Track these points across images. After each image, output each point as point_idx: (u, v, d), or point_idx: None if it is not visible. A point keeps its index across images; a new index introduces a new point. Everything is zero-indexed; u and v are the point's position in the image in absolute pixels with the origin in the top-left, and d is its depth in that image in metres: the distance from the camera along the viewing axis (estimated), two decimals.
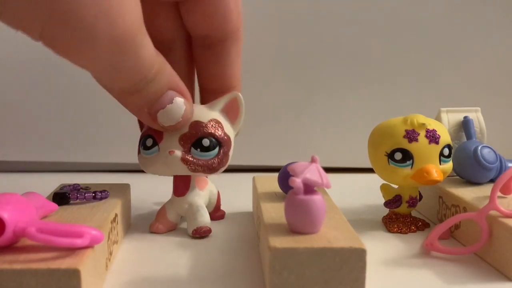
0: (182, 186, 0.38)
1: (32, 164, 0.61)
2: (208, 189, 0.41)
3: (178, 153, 0.35)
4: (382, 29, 0.60)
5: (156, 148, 0.36)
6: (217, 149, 0.36)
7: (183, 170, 0.36)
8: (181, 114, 0.34)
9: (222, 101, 0.37)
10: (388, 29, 0.60)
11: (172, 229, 0.39)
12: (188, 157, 0.35)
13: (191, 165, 0.35)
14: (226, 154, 0.37)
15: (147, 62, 0.31)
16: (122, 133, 0.59)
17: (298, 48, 0.60)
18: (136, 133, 0.39)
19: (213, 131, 0.36)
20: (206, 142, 0.36)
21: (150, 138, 0.36)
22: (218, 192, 0.42)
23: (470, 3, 0.60)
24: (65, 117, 0.60)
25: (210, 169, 0.36)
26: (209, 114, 0.37)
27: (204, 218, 0.38)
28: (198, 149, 0.36)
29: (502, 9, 0.60)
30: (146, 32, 0.31)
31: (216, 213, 0.42)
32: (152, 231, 0.39)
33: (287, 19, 0.59)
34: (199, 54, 0.39)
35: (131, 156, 0.40)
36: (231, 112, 0.38)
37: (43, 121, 0.60)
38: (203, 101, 0.40)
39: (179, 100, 0.34)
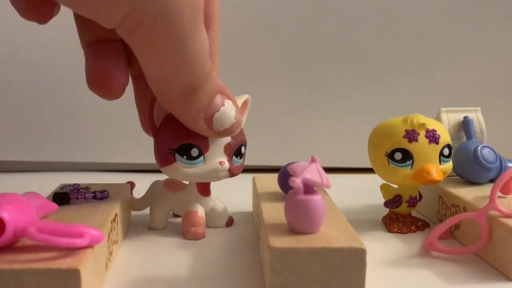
0: (209, 187, 0.39)
1: (32, 164, 0.61)
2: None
3: (226, 163, 0.35)
4: (382, 29, 0.60)
5: (201, 158, 0.35)
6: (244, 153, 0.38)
7: (224, 177, 0.36)
8: (233, 115, 0.34)
9: (239, 102, 0.36)
10: (388, 29, 0.60)
11: None
12: (232, 166, 0.36)
13: (233, 173, 0.36)
14: (244, 155, 0.38)
15: (205, 53, 0.31)
16: (122, 133, 0.59)
17: (298, 48, 0.60)
18: (136, 133, 0.39)
19: (244, 138, 0.37)
20: (243, 149, 0.37)
21: (195, 148, 0.35)
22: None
23: (470, 3, 0.60)
24: (65, 117, 0.60)
25: (240, 171, 0.37)
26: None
27: (227, 209, 0.40)
28: (238, 157, 0.36)
29: (503, 9, 0.60)
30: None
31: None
32: (196, 237, 0.37)
33: (287, 19, 0.59)
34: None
35: (131, 156, 0.40)
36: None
37: (43, 121, 0.60)
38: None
39: (229, 102, 0.33)
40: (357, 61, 0.60)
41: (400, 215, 0.40)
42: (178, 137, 0.35)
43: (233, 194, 0.46)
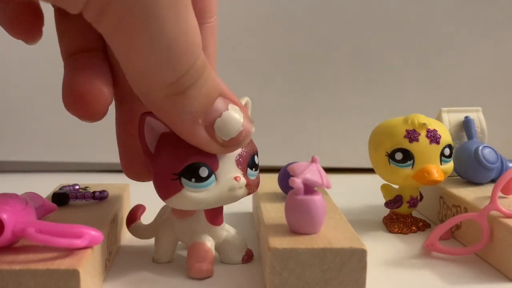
0: (220, 213, 0.32)
1: (32, 164, 0.61)
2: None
3: (243, 179, 0.30)
4: (382, 29, 0.60)
5: (213, 178, 0.29)
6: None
7: (242, 196, 0.30)
8: (241, 122, 0.28)
9: None
10: (388, 29, 0.60)
11: None
12: (248, 180, 0.30)
13: (252, 188, 0.31)
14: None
15: (194, 47, 0.26)
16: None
17: (298, 48, 0.60)
18: None
19: (254, 146, 0.31)
20: (257, 159, 0.31)
21: (204, 167, 0.29)
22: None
23: (471, 3, 0.60)
24: (65, 117, 0.59)
25: (258, 186, 0.32)
26: None
27: (244, 239, 0.33)
28: (253, 169, 0.31)
29: (503, 9, 0.60)
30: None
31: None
32: (201, 275, 0.31)
33: (287, 19, 0.59)
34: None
35: None
36: None
37: (43, 121, 0.60)
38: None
39: (234, 107, 0.28)
40: (357, 61, 0.60)
41: (400, 216, 0.40)
42: (180, 157, 0.29)
43: None
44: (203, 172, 0.29)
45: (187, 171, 0.29)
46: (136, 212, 0.36)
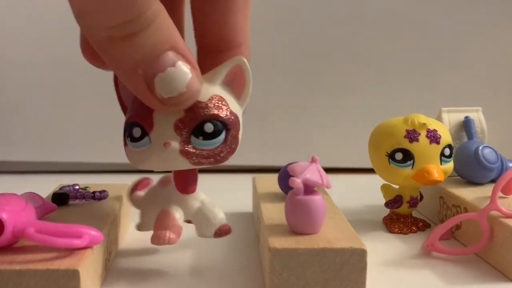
0: (191, 180, 0.31)
1: (32, 164, 0.61)
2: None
3: (176, 144, 0.28)
4: (382, 29, 0.60)
5: (146, 139, 0.28)
6: (223, 133, 0.28)
7: (184, 165, 0.28)
8: (186, 82, 0.26)
9: (223, 70, 0.29)
10: (388, 29, 0.60)
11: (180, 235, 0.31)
12: (188, 149, 0.28)
13: (194, 158, 0.28)
14: (235, 138, 0.29)
15: None
16: (122, 133, 0.59)
17: (298, 48, 0.60)
18: None
19: (216, 112, 0.28)
20: (209, 127, 0.28)
21: (138, 128, 0.28)
22: None
23: (471, 3, 0.60)
24: (65, 117, 0.60)
25: (217, 159, 0.29)
26: (209, 89, 0.29)
27: (222, 213, 0.31)
28: (201, 137, 0.28)
29: (504, 8, 0.60)
30: None
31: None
32: (164, 243, 0.29)
33: (287, 19, 0.59)
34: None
35: None
36: (236, 83, 0.30)
37: (43, 121, 0.60)
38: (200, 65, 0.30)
39: (183, 64, 0.26)
40: (357, 61, 0.60)
41: (400, 216, 0.40)
42: (129, 114, 0.29)
43: (233, 194, 0.46)
44: (136, 132, 0.28)
45: (126, 129, 0.29)
46: (137, 184, 0.35)
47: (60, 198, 0.35)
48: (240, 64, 0.29)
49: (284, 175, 0.36)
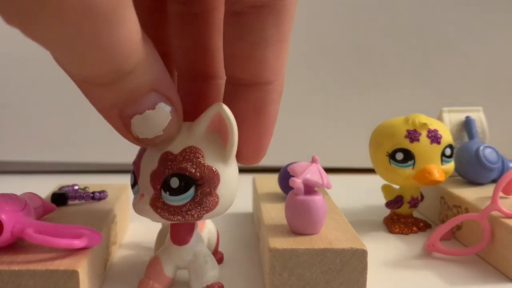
0: (184, 231, 0.29)
1: (31, 164, 0.61)
2: (207, 227, 0.32)
3: (148, 197, 0.26)
4: (383, 29, 0.60)
5: (137, 187, 0.27)
6: (192, 190, 0.26)
7: (156, 218, 0.27)
8: (164, 125, 0.25)
9: (203, 118, 0.26)
10: (389, 29, 0.60)
11: (169, 286, 0.30)
12: (157, 203, 0.26)
13: (161, 213, 0.26)
14: (208, 195, 0.26)
15: (125, 48, 0.22)
16: None
17: (297, 47, 0.60)
18: None
19: (184, 165, 0.26)
20: (175, 182, 0.26)
21: (132, 175, 0.28)
22: (218, 232, 0.34)
23: (471, 3, 0.60)
24: (64, 117, 0.60)
25: (185, 217, 0.26)
26: (184, 140, 0.26)
27: (215, 271, 0.29)
28: (167, 192, 0.26)
29: (504, 8, 0.60)
30: (133, 6, 0.22)
31: (215, 256, 0.31)
32: None
33: None
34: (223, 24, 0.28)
35: (131, 156, 0.40)
36: (221, 131, 0.27)
37: (43, 121, 0.60)
38: (227, 97, 0.28)
39: (165, 107, 0.25)
40: (357, 61, 0.60)
41: (401, 216, 0.40)
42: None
43: None
44: (131, 179, 0.28)
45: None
46: None
47: (60, 198, 0.35)
48: (219, 112, 0.26)
49: (284, 175, 0.35)
